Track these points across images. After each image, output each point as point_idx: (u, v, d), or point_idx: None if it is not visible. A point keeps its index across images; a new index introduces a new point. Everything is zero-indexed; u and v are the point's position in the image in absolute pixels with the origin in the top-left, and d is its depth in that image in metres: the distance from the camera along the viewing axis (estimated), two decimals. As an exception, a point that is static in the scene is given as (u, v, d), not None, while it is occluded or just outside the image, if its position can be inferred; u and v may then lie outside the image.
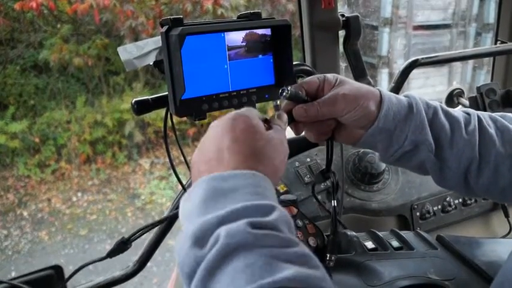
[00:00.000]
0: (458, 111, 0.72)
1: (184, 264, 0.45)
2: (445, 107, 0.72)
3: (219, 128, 0.56)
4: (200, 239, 0.45)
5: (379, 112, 0.67)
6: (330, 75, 0.69)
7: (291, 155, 0.69)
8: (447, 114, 0.71)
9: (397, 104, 0.68)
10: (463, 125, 0.70)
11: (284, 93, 0.65)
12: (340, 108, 0.66)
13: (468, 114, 0.72)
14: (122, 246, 0.87)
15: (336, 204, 0.75)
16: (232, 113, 0.58)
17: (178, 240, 0.47)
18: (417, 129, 0.68)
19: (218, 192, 0.49)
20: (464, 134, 0.69)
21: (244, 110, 0.59)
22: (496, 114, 0.74)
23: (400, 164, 0.75)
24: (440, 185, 0.75)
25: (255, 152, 0.54)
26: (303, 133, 0.73)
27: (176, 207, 1.17)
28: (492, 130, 0.70)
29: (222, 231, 0.44)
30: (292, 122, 0.68)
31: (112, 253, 0.87)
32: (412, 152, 0.70)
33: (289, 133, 0.72)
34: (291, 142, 0.71)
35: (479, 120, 0.71)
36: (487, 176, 0.70)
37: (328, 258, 0.74)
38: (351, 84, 0.68)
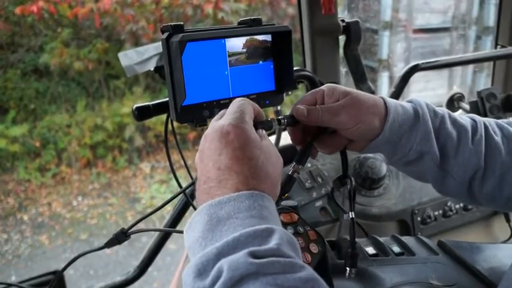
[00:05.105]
0: (465, 119, 0.71)
1: None
2: (452, 114, 0.71)
3: (213, 142, 0.54)
4: (202, 272, 0.45)
5: (384, 125, 0.66)
6: (328, 91, 0.67)
7: (291, 161, 0.69)
8: (455, 123, 0.70)
9: (402, 115, 0.67)
10: (470, 134, 0.69)
11: (282, 122, 0.66)
12: (342, 121, 0.65)
13: (475, 121, 0.71)
14: (121, 237, 0.85)
15: (353, 216, 0.74)
16: (225, 123, 0.55)
17: (185, 272, 0.47)
18: (423, 140, 0.67)
19: (215, 221, 0.49)
20: (471, 144, 0.68)
21: (237, 115, 0.56)
22: (503, 121, 0.73)
23: (403, 170, 0.74)
24: (442, 193, 0.75)
25: (255, 170, 0.53)
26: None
27: (178, 213, 1.17)
28: (498, 138, 0.70)
29: (224, 264, 0.43)
30: (291, 125, 0.68)
31: (110, 243, 0.86)
32: (416, 161, 0.70)
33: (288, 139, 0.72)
34: (291, 147, 0.71)
35: (486, 128, 0.70)
36: (491, 185, 0.69)
37: (348, 272, 0.73)
38: (355, 98, 0.66)
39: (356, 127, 0.65)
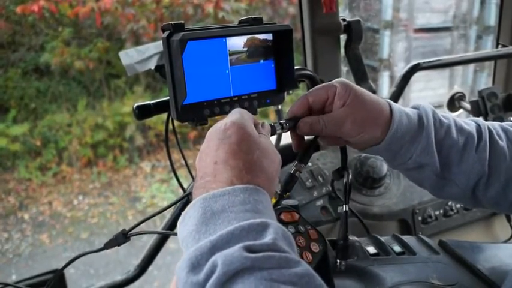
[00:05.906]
0: (470, 124, 0.71)
1: None
2: (459, 121, 0.70)
3: (213, 140, 0.55)
4: (196, 266, 0.44)
5: (386, 134, 0.66)
6: (341, 89, 0.66)
7: (291, 160, 0.69)
8: (461, 130, 0.69)
9: (407, 125, 0.66)
10: (476, 141, 0.68)
11: (284, 126, 0.67)
12: (346, 130, 0.65)
13: (479, 125, 0.70)
14: (121, 238, 0.84)
15: (347, 209, 0.75)
16: (226, 121, 0.56)
17: (178, 266, 0.47)
18: (423, 152, 0.67)
19: (210, 214, 0.49)
20: (475, 151, 0.68)
21: (237, 115, 0.57)
22: (507, 124, 0.73)
23: (403, 173, 0.75)
24: (441, 198, 0.75)
25: (250, 164, 0.53)
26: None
27: (178, 213, 1.17)
28: (503, 142, 0.69)
29: (219, 258, 0.43)
30: (293, 128, 0.69)
31: (109, 244, 0.85)
32: (415, 170, 0.70)
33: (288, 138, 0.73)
34: (291, 147, 0.71)
35: (490, 132, 0.70)
36: (495, 190, 0.69)
37: (338, 264, 0.74)
38: (362, 104, 0.65)
39: (358, 136, 0.66)
